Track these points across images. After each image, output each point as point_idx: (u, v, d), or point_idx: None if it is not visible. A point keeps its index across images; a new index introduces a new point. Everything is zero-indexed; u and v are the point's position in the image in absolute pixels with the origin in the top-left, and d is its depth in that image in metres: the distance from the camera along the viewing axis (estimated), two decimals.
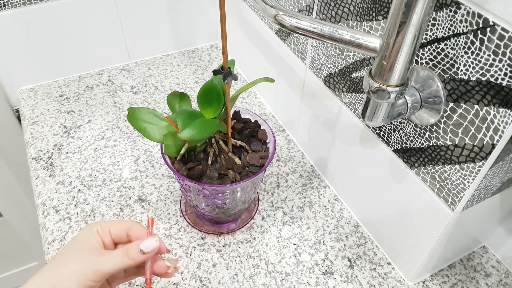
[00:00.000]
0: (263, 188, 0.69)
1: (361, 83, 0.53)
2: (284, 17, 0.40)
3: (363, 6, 0.48)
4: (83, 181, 0.69)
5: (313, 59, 0.62)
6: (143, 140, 0.77)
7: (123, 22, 0.88)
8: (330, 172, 0.69)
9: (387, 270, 0.59)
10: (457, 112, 0.40)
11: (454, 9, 0.37)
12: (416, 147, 0.47)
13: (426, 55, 0.42)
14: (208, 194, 0.54)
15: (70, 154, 0.73)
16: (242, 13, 0.81)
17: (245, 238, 0.62)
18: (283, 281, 0.57)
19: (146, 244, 0.37)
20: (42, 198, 0.66)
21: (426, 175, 0.47)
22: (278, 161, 0.74)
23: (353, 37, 0.38)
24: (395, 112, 0.43)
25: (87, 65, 0.91)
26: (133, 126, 0.52)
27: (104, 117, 0.81)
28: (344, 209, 0.67)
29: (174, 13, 0.93)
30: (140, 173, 0.70)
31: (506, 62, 0.34)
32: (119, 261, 0.36)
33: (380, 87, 0.38)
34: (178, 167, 0.53)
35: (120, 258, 0.37)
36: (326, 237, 0.63)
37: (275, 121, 0.83)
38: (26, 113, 0.82)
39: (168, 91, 0.88)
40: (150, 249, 0.37)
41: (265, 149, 0.58)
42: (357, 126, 0.57)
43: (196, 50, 1.01)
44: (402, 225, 0.55)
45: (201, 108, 0.53)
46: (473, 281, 0.58)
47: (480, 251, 0.62)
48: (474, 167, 0.41)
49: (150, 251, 0.37)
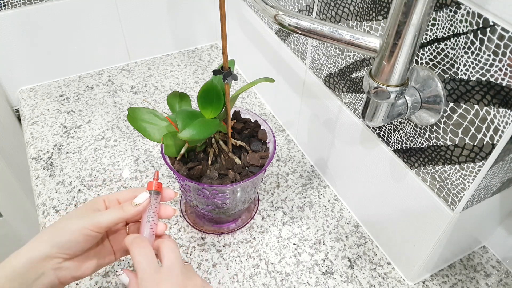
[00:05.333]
0: (263, 188, 0.69)
1: (361, 83, 0.53)
2: (284, 17, 0.40)
3: (363, 6, 0.48)
4: (83, 181, 0.69)
5: (313, 59, 0.62)
6: (143, 140, 0.77)
7: (123, 22, 0.88)
8: (330, 172, 0.69)
9: (387, 270, 0.59)
10: (457, 112, 0.40)
11: (454, 9, 0.37)
12: (416, 147, 0.47)
13: (426, 55, 0.42)
14: (208, 194, 0.54)
15: (70, 154, 0.74)
16: (242, 13, 0.81)
17: (245, 238, 0.62)
18: (283, 281, 0.57)
19: (138, 197, 0.42)
20: (42, 198, 0.66)
21: (426, 175, 0.47)
22: (278, 161, 0.74)
23: (353, 37, 0.38)
24: (395, 112, 0.43)
25: (87, 65, 0.91)
26: (133, 126, 0.52)
27: (104, 117, 0.81)
28: (344, 209, 0.67)
29: (174, 13, 0.92)
30: (140, 173, 0.70)
31: (506, 62, 0.34)
32: (115, 214, 0.41)
33: (380, 87, 0.38)
34: (178, 167, 0.53)
35: (116, 211, 0.41)
36: (326, 237, 0.63)
37: (275, 121, 0.83)
38: (26, 113, 0.82)
39: (168, 91, 0.88)
40: (141, 201, 0.42)
41: (265, 149, 0.58)
42: (357, 126, 0.57)
43: (196, 50, 1.01)
44: (402, 225, 0.55)
45: (201, 108, 0.53)
46: (473, 281, 0.58)
47: (480, 251, 0.62)
48: (474, 167, 0.41)
49: (141, 203, 0.42)
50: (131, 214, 0.41)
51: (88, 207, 0.42)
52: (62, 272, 0.40)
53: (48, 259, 0.39)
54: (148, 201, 0.42)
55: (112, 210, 0.41)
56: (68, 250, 0.39)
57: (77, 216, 0.40)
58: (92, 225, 0.39)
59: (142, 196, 0.42)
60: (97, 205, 0.43)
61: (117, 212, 0.41)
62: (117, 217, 0.41)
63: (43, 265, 0.38)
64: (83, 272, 0.42)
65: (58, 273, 0.40)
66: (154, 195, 0.44)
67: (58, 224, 0.40)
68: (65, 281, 0.41)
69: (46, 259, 0.38)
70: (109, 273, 0.57)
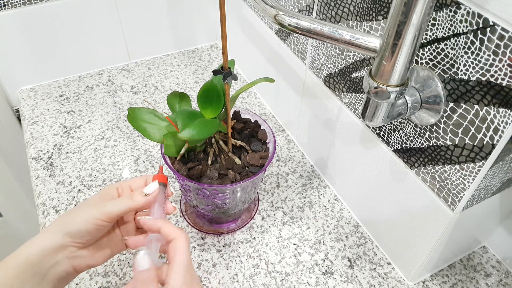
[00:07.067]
0: (263, 188, 0.69)
1: (361, 83, 0.53)
2: (284, 17, 0.40)
3: (363, 6, 0.48)
4: (83, 181, 0.69)
5: (313, 59, 0.62)
6: (143, 140, 0.77)
7: (123, 22, 0.88)
8: (330, 172, 0.69)
9: (387, 270, 0.59)
10: (457, 112, 0.40)
11: (454, 9, 0.37)
12: (416, 147, 0.47)
13: (426, 55, 0.42)
14: (208, 194, 0.54)
15: (70, 154, 0.74)
16: (242, 13, 0.81)
17: (245, 238, 0.62)
18: (283, 281, 0.57)
19: (148, 187, 0.43)
20: (42, 198, 0.66)
21: (426, 175, 0.47)
22: (278, 161, 0.74)
23: (353, 37, 0.38)
24: (395, 112, 0.43)
25: (87, 65, 0.91)
26: (133, 126, 0.52)
27: (104, 117, 0.81)
28: (344, 209, 0.67)
29: (174, 13, 0.93)
30: (140, 173, 0.70)
31: (506, 62, 0.34)
32: (124, 203, 0.41)
33: (380, 87, 0.38)
34: (178, 167, 0.53)
35: (126, 201, 0.42)
36: (326, 237, 0.63)
37: (275, 121, 0.83)
38: (26, 113, 0.82)
39: (168, 91, 0.88)
40: (151, 190, 0.42)
41: (265, 149, 0.58)
42: (357, 126, 0.57)
43: (196, 50, 1.01)
44: (402, 225, 0.55)
45: (201, 108, 0.53)
46: (473, 281, 0.58)
47: (480, 251, 0.62)
48: (474, 167, 0.41)
49: (151, 193, 0.42)
50: (141, 204, 0.42)
51: (101, 195, 0.43)
52: (77, 260, 0.41)
53: (62, 248, 0.39)
54: (157, 191, 0.43)
55: (121, 200, 0.42)
56: (80, 239, 0.40)
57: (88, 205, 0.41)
58: (102, 214, 0.40)
59: (151, 186, 0.43)
60: (110, 192, 0.44)
61: (127, 202, 0.41)
62: (126, 206, 0.41)
63: (57, 254, 0.39)
64: (97, 260, 0.43)
65: (73, 261, 0.40)
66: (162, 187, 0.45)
67: (70, 214, 0.41)
68: (80, 269, 0.42)
69: (60, 248, 0.39)
70: (109, 273, 0.57)
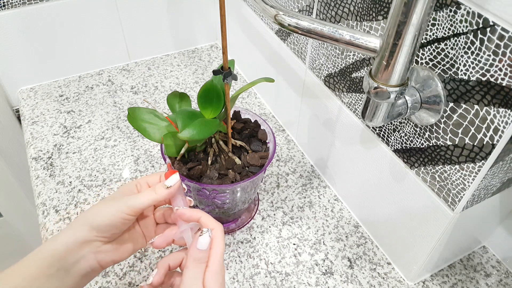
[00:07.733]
0: (263, 188, 0.69)
1: (361, 83, 0.53)
2: (284, 17, 0.40)
3: (363, 6, 0.48)
4: (83, 181, 0.69)
5: (313, 59, 0.62)
6: (143, 140, 0.77)
7: (123, 22, 0.88)
8: (330, 172, 0.69)
9: (387, 270, 0.59)
10: (457, 112, 0.40)
11: (454, 9, 0.37)
12: (416, 147, 0.47)
13: (426, 55, 0.42)
14: (208, 194, 0.54)
15: (70, 154, 0.74)
16: (242, 13, 0.81)
17: (245, 238, 0.62)
18: (283, 281, 0.57)
19: (170, 180, 0.43)
20: (42, 198, 0.66)
21: (426, 175, 0.47)
22: (278, 161, 0.74)
23: (353, 37, 0.38)
24: (395, 112, 0.43)
25: (87, 65, 0.91)
26: (133, 126, 0.52)
27: (104, 117, 0.81)
28: (344, 209, 0.67)
29: (174, 13, 0.92)
30: (140, 173, 0.70)
31: (506, 62, 0.34)
32: (148, 196, 0.42)
33: (380, 87, 0.38)
34: (178, 167, 0.53)
35: (149, 194, 0.42)
36: (326, 237, 0.63)
37: (275, 121, 0.83)
38: (26, 113, 0.82)
39: (168, 91, 0.88)
40: (173, 182, 0.43)
41: (265, 149, 0.58)
42: (357, 126, 0.57)
43: (196, 50, 1.01)
44: (402, 225, 0.55)
45: (201, 108, 0.53)
46: (473, 281, 0.58)
47: (480, 251, 0.62)
48: (474, 167, 0.41)
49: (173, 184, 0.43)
50: (164, 196, 0.42)
51: (121, 191, 0.43)
52: (102, 255, 0.41)
53: (87, 242, 0.40)
54: (179, 183, 0.43)
55: (145, 193, 0.42)
56: (106, 233, 0.40)
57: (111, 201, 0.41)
58: (128, 207, 0.41)
59: (173, 178, 0.43)
60: (130, 189, 0.44)
61: (150, 194, 0.42)
62: (150, 199, 0.42)
63: (82, 249, 0.39)
64: (121, 255, 0.43)
65: (98, 256, 0.41)
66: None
67: (94, 209, 0.41)
68: (105, 264, 0.42)
69: (85, 242, 0.39)
70: (109, 273, 0.57)
